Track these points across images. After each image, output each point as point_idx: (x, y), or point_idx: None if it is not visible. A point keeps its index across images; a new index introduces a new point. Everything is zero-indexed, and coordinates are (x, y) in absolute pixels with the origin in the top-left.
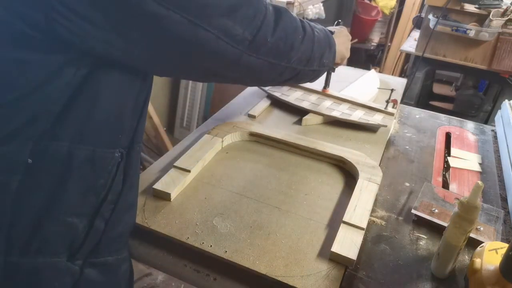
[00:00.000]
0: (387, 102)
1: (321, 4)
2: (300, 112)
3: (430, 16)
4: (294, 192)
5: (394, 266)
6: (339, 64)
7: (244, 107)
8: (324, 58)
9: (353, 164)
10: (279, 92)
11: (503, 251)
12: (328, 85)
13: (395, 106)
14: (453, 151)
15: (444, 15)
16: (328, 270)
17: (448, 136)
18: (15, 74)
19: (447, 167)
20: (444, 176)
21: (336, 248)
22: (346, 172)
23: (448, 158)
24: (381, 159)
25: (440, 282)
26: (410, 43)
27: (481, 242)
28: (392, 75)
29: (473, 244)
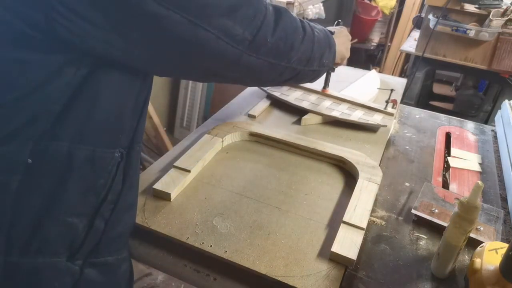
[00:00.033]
0: (387, 102)
1: (321, 4)
2: (300, 112)
3: (430, 16)
4: (294, 192)
5: (394, 266)
6: (339, 64)
7: (244, 107)
8: (324, 58)
9: (353, 164)
10: (278, 92)
11: (503, 251)
12: (328, 85)
13: (395, 106)
14: (453, 151)
15: (444, 15)
16: (328, 270)
17: (448, 136)
18: (15, 74)
19: (447, 167)
20: (444, 176)
21: (336, 248)
22: (346, 172)
23: (448, 158)
24: (381, 159)
25: (440, 282)
26: (410, 43)
27: (481, 242)
28: (392, 75)
29: (473, 244)
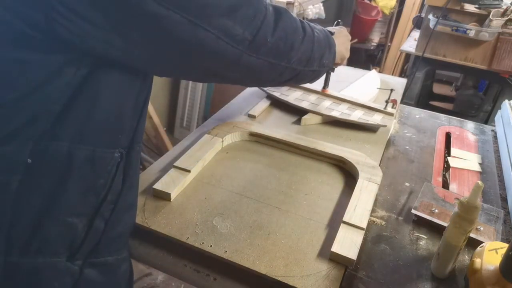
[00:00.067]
0: (387, 102)
1: (321, 4)
2: (300, 112)
3: (430, 16)
4: (294, 192)
5: (394, 266)
6: (339, 64)
7: (244, 107)
8: (324, 58)
9: (353, 164)
10: (278, 92)
11: (503, 251)
12: (328, 85)
13: (395, 106)
14: (453, 151)
15: (444, 15)
16: (328, 270)
17: (448, 136)
18: (15, 74)
19: (447, 167)
20: (444, 176)
21: (336, 248)
22: (346, 172)
23: (448, 158)
24: (381, 159)
25: (440, 282)
26: (410, 43)
27: (481, 242)
28: (392, 75)
29: (473, 244)
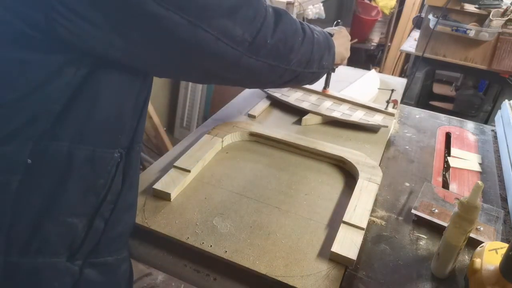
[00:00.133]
0: (388, 102)
1: (321, 4)
2: (300, 112)
3: (430, 16)
4: (294, 192)
5: (394, 266)
6: (339, 64)
7: (244, 107)
8: (324, 60)
9: (353, 164)
10: (279, 92)
11: (503, 251)
12: (328, 85)
13: (396, 106)
14: (453, 151)
15: (444, 15)
16: (328, 270)
17: (448, 136)
18: (15, 74)
19: (447, 167)
20: (444, 176)
21: (336, 248)
22: (346, 172)
23: (448, 158)
24: (381, 159)
25: (440, 282)
26: (410, 43)
27: (481, 242)
28: (392, 75)
29: (473, 244)
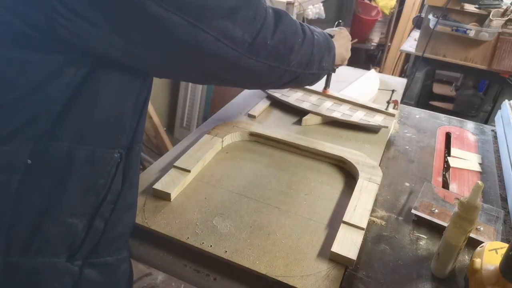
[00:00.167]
0: (388, 103)
1: (321, 4)
2: (300, 112)
3: (430, 16)
4: (294, 192)
5: (394, 266)
6: (339, 65)
7: (244, 107)
8: (324, 61)
9: (353, 164)
10: (279, 93)
11: (503, 251)
12: (329, 85)
13: (396, 107)
14: (453, 151)
15: (444, 15)
16: (328, 270)
17: (448, 136)
18: (15, 74)
19: (447, 167)
20: (444, 176)
21: (336, 248)
22: (346, 172)
23: (448, 158)
24: (381, 159)
25: (440, 282)
26: (410, 43)
27: (481, 242)
28: (392, 75)
29: (473, 244)
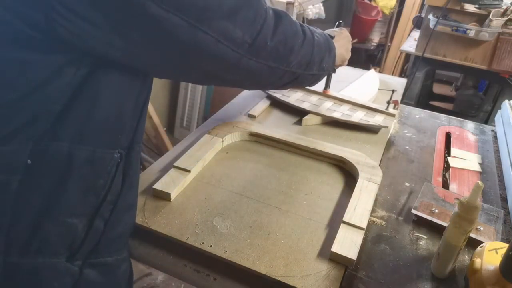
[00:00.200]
0: (388, 103)
1: (321, 4)
2: (300, 112)
3: (430, 16)
4: (294, 192)
5: (394, 266)
6: (340, 65)
7: (244, 107)
8: (324, 62)
9: (353, 164)
10: (279, 93)
11: (503, 251)
12: (329, 86)
13: (396, 107)
14: (453, 151)
15: (444, 15)
16: (328, 270)
17: (448, 136)
18: (15, 74)
19: (447, 167)
20: (444, 176)
21: (336, 248)
22: (346, 172)
23: (448, 158)
24: (381, 159)
25: (440, 282)
26: (410, 43)
27: (481, 242)
28: (392, 75)
29: (473, 244)
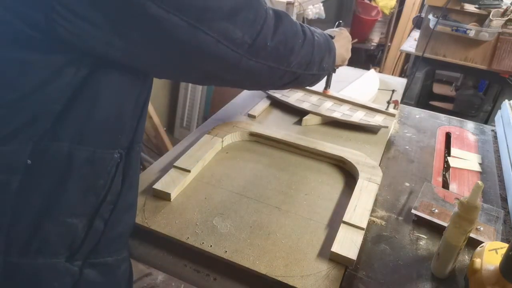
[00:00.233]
0: (388, 103)
1: (321, 4)
2: (300, 113)
3: (430, 16)
4: (294, 192)
5: (394, 266)
6: (340, 65)
7: (244, 107)
8: (324, 62)
9: (353, 164)
10: (279, 93)
11: (503, 251)
12: (329, 86)
13: (396, 107)
14: (453, 151)
15: (444, 15)
16: (328, 270)
17: (448, 136)
18: (15, 74)
19: (447, 167)
20: (444, 176)
21: (336, 248)
22: (346, 172)
23: (448, 158)
24: (381, 159)
25: (440, 282)
26: (410, 43)
27: (481, 242)
28: (392, 75)
29: (473, 244)
